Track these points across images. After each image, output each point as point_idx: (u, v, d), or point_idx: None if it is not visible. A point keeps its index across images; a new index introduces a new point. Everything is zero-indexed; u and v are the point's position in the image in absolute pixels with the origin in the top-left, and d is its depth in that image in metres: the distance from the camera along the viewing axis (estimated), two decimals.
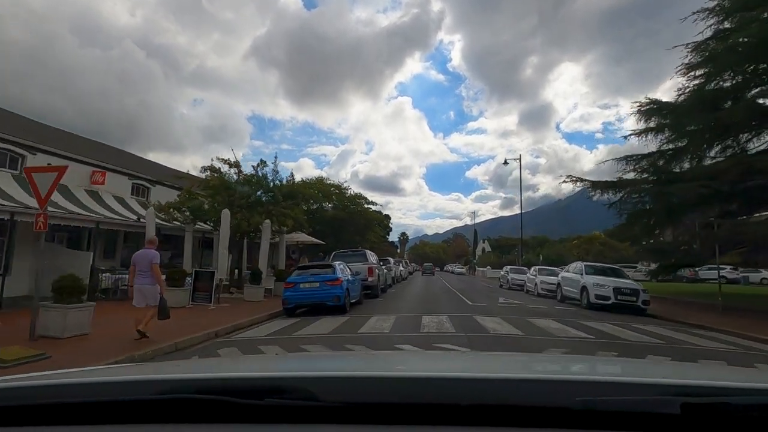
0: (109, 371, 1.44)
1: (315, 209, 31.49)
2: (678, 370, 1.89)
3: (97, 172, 16.33)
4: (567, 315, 12.62)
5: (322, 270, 12.39)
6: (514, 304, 15.29)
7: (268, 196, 18.14)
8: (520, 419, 0.85)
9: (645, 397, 0.87)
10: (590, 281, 14.82)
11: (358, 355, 3.29)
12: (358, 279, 14.52)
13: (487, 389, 0.93)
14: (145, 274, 7.57)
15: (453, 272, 64.58)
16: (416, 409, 0.88)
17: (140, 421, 0.90)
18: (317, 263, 14.78)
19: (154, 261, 7.61)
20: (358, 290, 14.12)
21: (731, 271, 34.50)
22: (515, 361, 1.93)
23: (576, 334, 9.13)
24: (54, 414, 0.92)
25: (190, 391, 0.91)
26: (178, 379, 1.11)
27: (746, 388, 0.99)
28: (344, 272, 12.89)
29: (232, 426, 0.88)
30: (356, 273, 14.52)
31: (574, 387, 0.94)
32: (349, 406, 0.88)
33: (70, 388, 1.03)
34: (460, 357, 2.53)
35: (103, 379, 1.15)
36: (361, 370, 1.35)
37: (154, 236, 9.63)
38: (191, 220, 16.52)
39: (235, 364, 1.91)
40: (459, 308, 13.49)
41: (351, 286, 12.91)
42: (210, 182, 16.47)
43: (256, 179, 17.83)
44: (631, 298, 13.81)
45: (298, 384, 0.96)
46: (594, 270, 16.00)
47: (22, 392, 1.01)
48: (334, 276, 11.95)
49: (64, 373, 1.27)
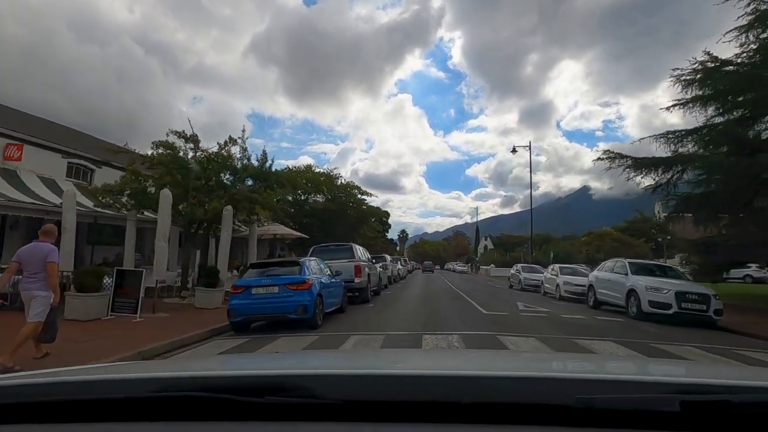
0: (109, 369, 1.44)
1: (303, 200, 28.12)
2: (678, 368, 1.85)
3: (12, 145, 12.93)
4: (621, 331, 9.26)
5: (285, 269, 9.01)
6: (542, 313, 11.89)
7: (235, 178, 14.74)
8: (521, 417, 0.85)
9: (645, 395, 0.87)
10: (641, 283, 11.43)
11: (359, 353, 2.82)
12: (339, 281, 11.17)
13: (488, 387, 0.94)
14: (37, 278, 5.76)
15: (455, 271, 60.99)
16: (417, 407, 0.87)
17: (140, 419, 0.89)
18: (279, 260, 11.38)
19: (50, 259, 5.78)
20: (339, 296, 10.78)
21: (757, 269, 31.66)
22: (516, 359, 1.96)
23: None
24: (54, 412, 0.91)
25: (190, 388, 0.91)
26: (178, 376, 1.12)
27: (746, 386, 1.00)
28: (317, 272, 9.54)
29: (232, 424, 0.88)
30: (337, 273, 11.14)
31: (574, 385, 0.95)
32: (350, 404, 0.87)
33: (70, 386, 1.03)
34: (461, 355, 2.32)
35: (103, 376, 1.14)
36: (362, 367, 1.34)
37: (51, 226, 6.46)
38: (133, 207, 13.12)
39: (235, 362, 1.87)
40: (472, 320, 10.12)
41: (327, 291, 9.56)
42: (158, 160, 13.05)
43: (221, 159, 14.38)
44: (699, 306, 10.42)
45: (298, 382, 0.96)
46: (641, 268, 12.61)
47: (20, 390, 1.01)
48: (299, 278, 8.57)
49: (64, 371, 1.26)
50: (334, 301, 10.29)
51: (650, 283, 11.27)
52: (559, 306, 14.32)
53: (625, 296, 11.85)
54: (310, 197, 28.15)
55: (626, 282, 12.06)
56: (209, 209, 13.04)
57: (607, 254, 39.68)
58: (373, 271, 15.54)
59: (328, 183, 27.43)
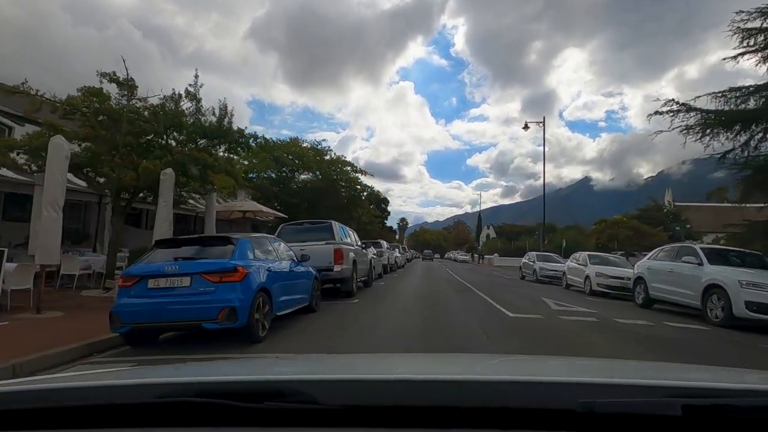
0: (108, 375, 1.42)
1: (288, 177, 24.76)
2: (679, 372, 1.69)
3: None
4: (724, 348, 6.09)
5: (208, 249, 5.74)
6: (587, 315, 8.64)
7: (183, 137, 11.40)
8: (522, 422, 0.83)
9: (646, 399, 0.86)
10: (730, 277, 8.18)
11: (358, 358, 2.48)
12: (308, 269, 7.95)
13: (488, 392, 0.93)
14: None
15: (455, 260, 58.36)
16: (417, 412, 0.86)
17: (139, 424, 0.88)
18: (200, 236, 8.04)
19: None
20: (305, 291, 7.57)
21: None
22: (517, 364, 1.90)
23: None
24: (53, 418, 0.90)
25: (189, 394, 0.89)
26: (177, 382, 1.10)
27: (748, 390, 0.99)
28: (265, 255, 6.30)
29: (231, 429, 0.87)
30: (303, 258, 7.88)
31: (575, 389, 0.92)
32: (349, 410, 0.86)
33: (69, 392, 1.02)
34: (460, 359, 2.17)
35: (102, 382, 1.12)
36: (361, 372, 1.33)
37: None
38: (40, 169, 9.82)
39: (234, 368, 1.81)
40: (498, 328, 6.92)
41: (283, 285, 6.34)
42: (68, 102, 9.69)
43: (162, 112, 10.98)
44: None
45: (297, 387, 0.94)
46: (719, 256, 9.39)
47: (20, 396, 0.99)
48: (226, 264, 5.29)
49: (62, 377, 1.28)
50: (296, 298, 7.07)
51: (745, 276, 8.03)
52: (598, 304, 11.10)
53: (701, 294, 8.62)
54: (297, 174, 24.81)
55: (701, 275, 8.82)
56: (141, 172, 9.75)
57: (621, 244, 36.49)
58: (361, 258, 12.32)
59: (317, 159, 23.98)
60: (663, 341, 6.52)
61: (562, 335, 6.59)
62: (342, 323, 7.32)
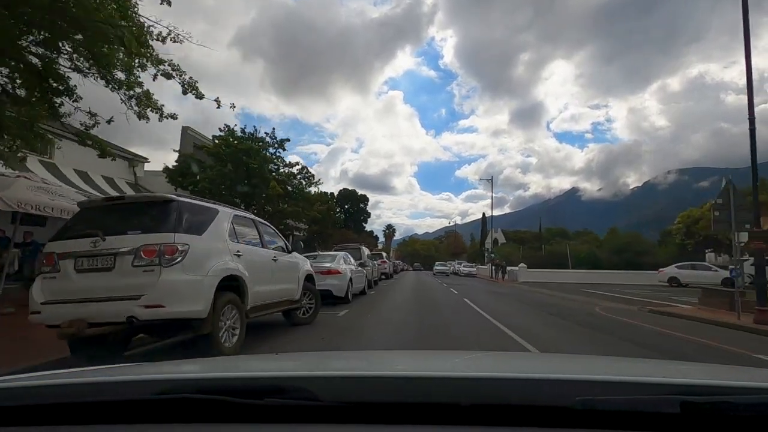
0: (108, 371, 1.36)
1: None
2: (678, 369, 1.73)
3: None
4: None
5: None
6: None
7: None
8: (520, 419, 0.83)
9: (645, 397, 0.86)
10: None
11: (358, 355, 2.56)
12: None
13: (487, 389, 0.93)
14: None
15: (457, 274, 41.59)
16: (416, 409, 0.86)
17: (140, 420, 0.88)
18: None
19: None
20: None
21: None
22: (516, 361, 1.91)
23: None
24: (53, 414, 0.90)
25: (190, 390, 0.89)
26: (177, 378, 1.11)
27: (746, 387, 0.98)
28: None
29: (231, 426, 0.87)
30: None
31: (574, 386, 0.92)
32: (349, 406, 0.86)
33: (70, 388, 1.01)
34: (460, 357, 2.13)
35: (102, 378, 1.12)
36: (361, 369, 1.33)
37: None
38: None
39: (234, 364, 1.76)
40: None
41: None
42: None
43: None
44: None
45: (297, 383, 0.94)
46: None
47: (20, 392, 0.99)
48: None
49: (62, 373, 1.24)
50: None
51: None
52: None
53: None
54: None
55: None
56: None
57: (700, 244, 32.14)
58: None
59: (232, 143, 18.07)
60: None
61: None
62: None
